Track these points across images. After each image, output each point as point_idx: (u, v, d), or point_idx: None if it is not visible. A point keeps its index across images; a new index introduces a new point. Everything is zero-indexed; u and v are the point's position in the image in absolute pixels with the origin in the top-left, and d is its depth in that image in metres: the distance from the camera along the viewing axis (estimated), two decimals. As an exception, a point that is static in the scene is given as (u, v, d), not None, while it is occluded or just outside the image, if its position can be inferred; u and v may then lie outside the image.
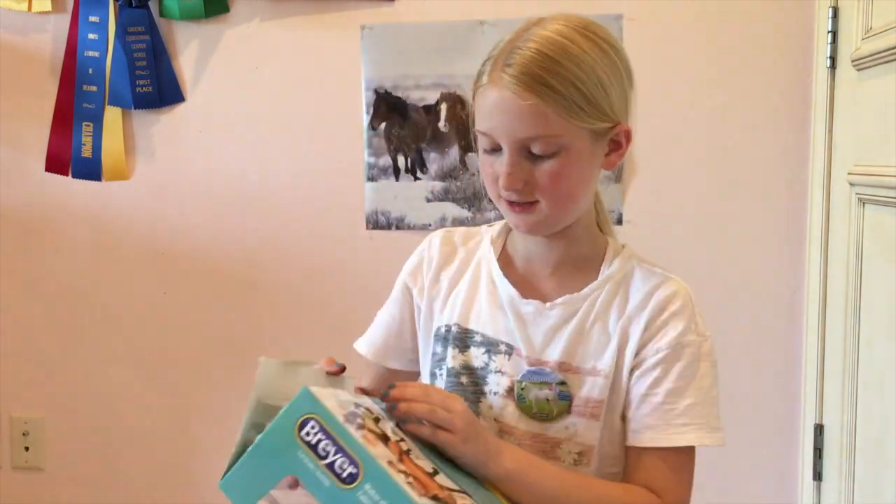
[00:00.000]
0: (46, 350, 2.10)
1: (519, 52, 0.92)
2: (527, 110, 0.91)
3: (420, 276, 1.08)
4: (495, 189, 0.97)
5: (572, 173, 0.95)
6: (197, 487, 2.10)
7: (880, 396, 1.52)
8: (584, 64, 0.92)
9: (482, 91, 0.95)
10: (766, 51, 1.84)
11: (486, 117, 0.95)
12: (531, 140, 0.93)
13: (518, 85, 0.91)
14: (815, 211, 1.81)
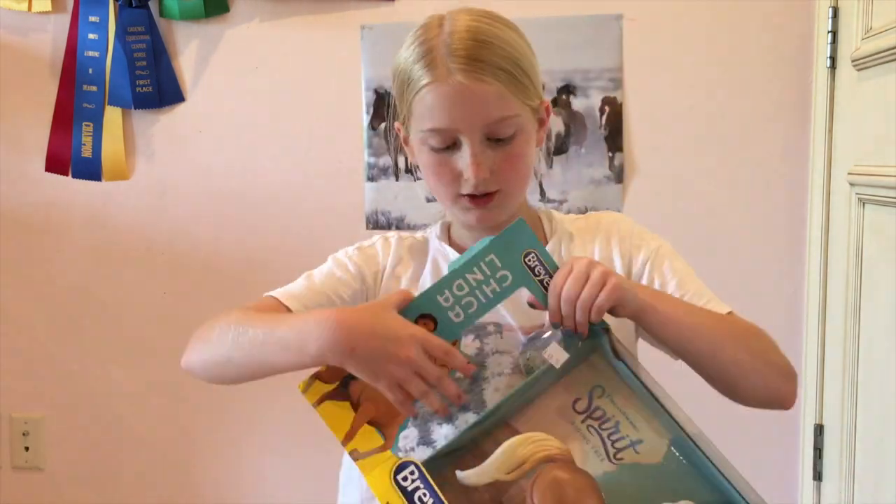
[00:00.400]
0: (46, 350, 2.10)
1: (456, 45, 0.93)
2: (489, 94, 0.93)
3: (374, 268, 1.06)
4: (453, 189, 0.98)
5: (528, 153, 0.99)
6: (197, 487, 2.10)
7: (880, 396, 1.52)
8: (514, 44, 0.96)
9: (427, 91, 0.94)
10: (766, 51, 1.84)
11: (439, 113, 0.94)
12: (495, 123, 0.94)
13: (473, 73, 0.92)
14: (815, 211, 1.81)
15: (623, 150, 1.90)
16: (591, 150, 1.90)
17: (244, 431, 2.05)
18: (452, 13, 0.97)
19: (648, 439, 0.84)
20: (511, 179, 0.98)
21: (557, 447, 0.80)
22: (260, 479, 2.08)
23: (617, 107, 1.89)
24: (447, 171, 0.97)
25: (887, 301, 1.48)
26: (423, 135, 0.97)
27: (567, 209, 1.90)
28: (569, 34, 1.87)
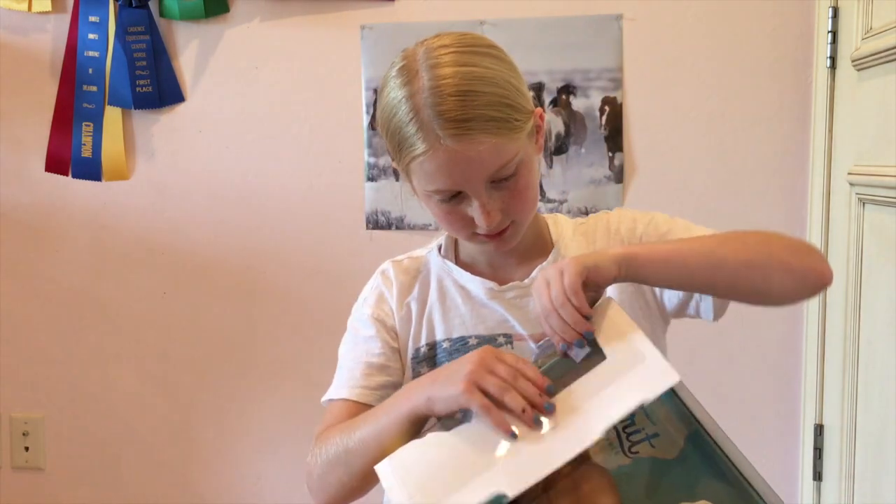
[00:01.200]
0: (46, 350, 2.10)
1: (440, 105, 0.90)
2: (484, 152, 0.91)
3: (387, 307, 1.06)
4: (467, 230, 0.98)
5: (533, 179, 0.99)
6: (197, 487, 2.10)
7: (880, 396, 1.51)
8: (497, 79, 0.93)
9: (423, 160, 0.93)
10: (766, 51, 1.84)
11: (439, 178, 0.94)
12: (497, 171, 0.93)
13: (463, 136, 0.90)
14: (815, 211, 1.81)
15: (623, 150, 1.90)
16: (591, 150, 1.90)
17: (244, 431, 2.05)
18: (430, 52, 0.93)
19: (665, 433, 0.83)
20: (521, 211, 0.98)
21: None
22: (259, 479, 2.08)
23: (617, 107, 1.89)
24: (458, 219, 0.97)
25: (887, 301, 1.48)
26: (427, 192, 0.97)
27: (567, 209, 1.90)
28: (569, 34, 1.87)
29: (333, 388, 1.05)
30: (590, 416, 0.78)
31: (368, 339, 1.05)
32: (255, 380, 2.05)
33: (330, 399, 1.04)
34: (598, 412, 0.78)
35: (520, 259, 1.05)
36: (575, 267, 0.84)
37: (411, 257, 1.11)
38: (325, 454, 0.96)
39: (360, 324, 1.07)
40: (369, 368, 1.03)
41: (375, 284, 1.09)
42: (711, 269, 0.90)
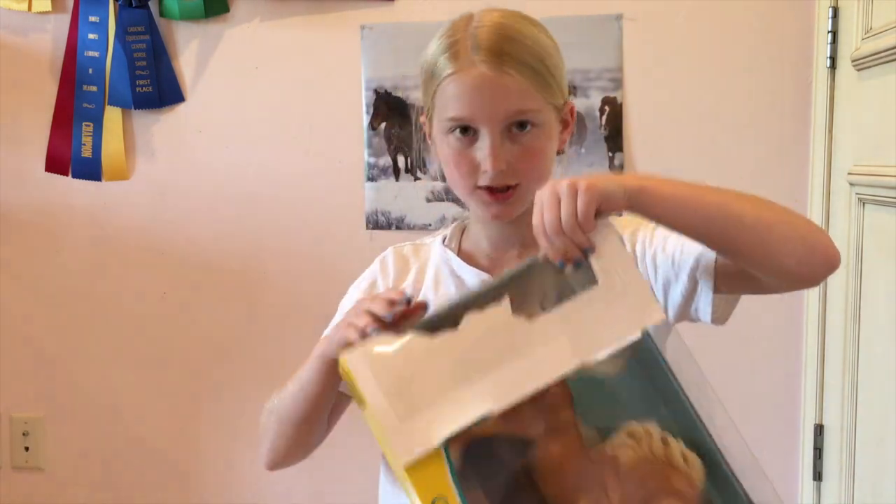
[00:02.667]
0: (46, 350, 2.10)
1: (481, 38, 0.95)
2: (511, 86, 0.94)
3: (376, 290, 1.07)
4: (471, 180, 0.98)
5: (547, 150, 0.99)
6: (197, 487, 2.10)
7: (880, 396, 1.52)
8: (540, 42, 0.97)
9: (449, 80, 0.96)
10: (766, 51, 1.84)
11: (461, 103, 0.96)
12: (516, 115, 0.95)
13: (496, 64, 0.94)
14: (815, 211, 1.81)
15: (623, 150, 1.90)
16: (591, 150, 1.90)
17: (244, 431, 2.05)
18: (482, 11, 0.99)
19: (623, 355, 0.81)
20: (529, 174, 0.97)
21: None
22: (260, 479, 2.08)
23: (617, 107, 1.89)
24: (466, 163, 0.97)
25: (887, 301, 1.48)
26: (445, 124, 0.98)
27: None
28: (569, 34, 1.85)
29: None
30: (580, 340, 0.77)
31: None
32: (255, 380, 2.05)
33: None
34: (582, 340, 0.77)
35: (520, 253, 1.04)
36: (591, 194, 0.80)
37: (415, 244, 1.11)
38: (263, 421, 1.03)
39: (347, 305, 1.08)
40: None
41: (372, 270, 1.10)
42: (727, 219, 0.89)
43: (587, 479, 0.78)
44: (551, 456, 0.78)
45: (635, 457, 0.76)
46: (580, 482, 0.78)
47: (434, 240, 1.11)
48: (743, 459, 0.80)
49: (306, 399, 0.96)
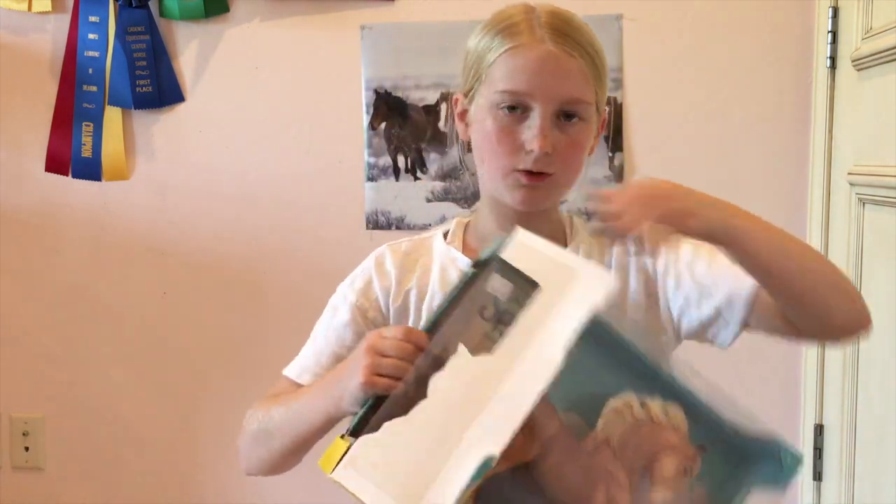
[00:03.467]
0: (46, 350, 2.10)
1: (552, 19, 0.94)
2: (574, 69, 0.93)
3: (373, 296, 1.02)
4: (510, 161, 0.95)
5: (586, 147, 0.98)
6: (197, 487, 2.10)
7: (880, 396, 1.52)
8: (596, 39, 0.97)
9: (512, 53, 0.93)
10: (766, 51, 1.84)
11: (521, 76, 0.93)
12: (571, 102, 0.94)
13: (563, 44, 0.93)
14: (815, 211, 1.81)
15: (623, 150, 1.90)
16: (591, 150, 1.90)
17: (244, 431, 2.05)
18: (540, 5, 0.98)
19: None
20: (567, 165, 0.96)
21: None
22: (260, 479, 2.08)
23: (617, 107, 1.89)
24: (510, 141, 0.94)
25: (887, 301, 1.48)
26: (497, 96, 0.94)
27: (567, 209, 1.90)
28: (569, 34, 1.87)
29: (296, 363, 1.07)
30: (544, 346, 0.76)
31: (343, 327, 1.03)
32: (255, 379, 2.04)
33: (292, 372, 1.06)
34: (551, 338, 0.76)
35: None
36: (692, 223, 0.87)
37: (412, 241, 1.06)
38: (251, 429, 1.02)
39: (340, 306, 1.05)
40: (337, 360, 1.00)
41: (367, 268, 1.05)
42: (803, 271, 0.91)
43: (592, 471, 0.78)
44: (553, 466, 0.78)
45: (624, 429, 0.77)
46: (587, 477, 0.78)
47: (432, 236, 1.06)
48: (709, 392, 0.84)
49: (301, 435, 0.95)
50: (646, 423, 0.77)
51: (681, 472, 0.77)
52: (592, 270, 0.79)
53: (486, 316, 0.81)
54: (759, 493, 0.81)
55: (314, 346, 1.06)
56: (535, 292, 0.79)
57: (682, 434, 0.77)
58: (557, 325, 0.76)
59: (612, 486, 0.77)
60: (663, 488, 0.76)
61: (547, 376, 0.75)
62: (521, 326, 0.78)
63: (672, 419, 0.78)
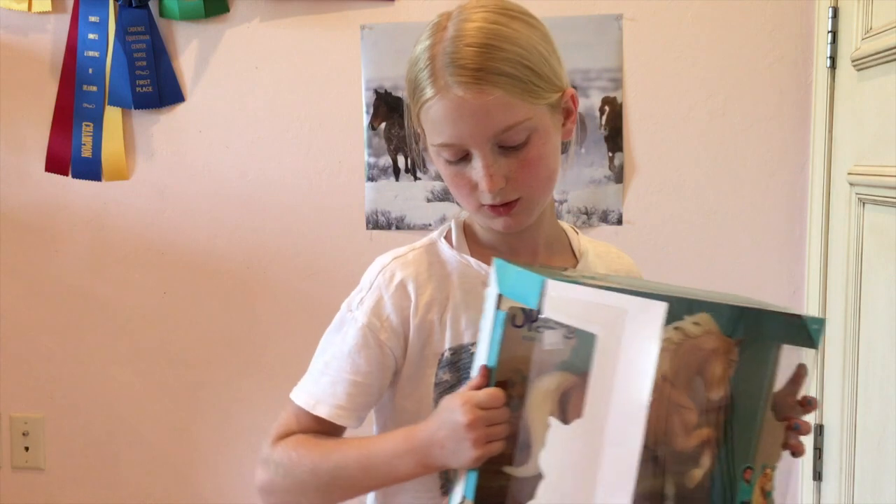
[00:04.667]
0: (46, 350, 2.10)
1: (455, 53, 0.90)
2: (491, 105, 0.89)
3: (384, 314, 0.99)
4: (474, 199, 0.95)
5: (547, 153, 0.94)
6: (197, 487, 2.10)
7: (880, 396, 1.52)
8: (523, 41, 0.91)
9: (430, 105, 0.92)
10: (766, 51, 1.85)
11: (444, 128, 0.92)
12: (503, 132, 0.90)
13: (472, 84, 0.88)
14: (815, 211, 1.81)
15: (623, 150, 1.90)
16: (591, 150, 1.90)
17: (244, 431, 2.05)
18: (463, 10, 0.93)
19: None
20: (530, 185, 0.93)
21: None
22: (260, 479, 2.08)
23: (617, 107, 1.89)
24: (464, 184, 0.94)
25: (887, 301, 1.48)
26: (435, 148, 0.95)
27: (567, 209, 1.90)
28: (569, 34, 1.87)
29: (308, 390, 1.01)
30: (629, 392, 0.78)
31: (356, 352, 0.98)
32: (255, 379, 2.05)
33: (302, 400, 1.01)
34: (632, 383, 0.78)
35: (545, 255, 1.02)
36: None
37: (414, 250, 1.03)
38: (295, 472, 0.96)
39: (349, 328, 1.00)
40: (354, 388, 0.98)
41: (376, 285, 1.00)
42: None
43: (664, 411, 0.82)
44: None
45: (671, 359, 0.81)
46: (661, 419, 0.82)
47: (436, 241, 1.04)
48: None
49: (378, 488, 0.98)
50: (685, 341, 0.81)
51: (727, 368, 0.83)
52: (638, 303, 0.80)
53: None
54: (789, 349, 0.86)
55: (328, 375, 1.00)
56: (594, 341, 0.80)
57: (716, 334, 0.82)
58: (632, 367, 0.78)
59: (682, 413, 0.82)
60: (718, 387, 0.83)
61: (642, 418, 0.77)
62: (596, 379, 0.80)
63: (704, 326, 0.82)
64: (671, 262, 1.90)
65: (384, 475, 0.93)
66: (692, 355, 0.82)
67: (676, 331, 0.81)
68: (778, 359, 0.86)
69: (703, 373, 0.83)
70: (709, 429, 0.83)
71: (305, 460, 0.96)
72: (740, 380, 0.84)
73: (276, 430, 1.01)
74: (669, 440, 0.82)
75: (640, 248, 1.90)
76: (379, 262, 1.03)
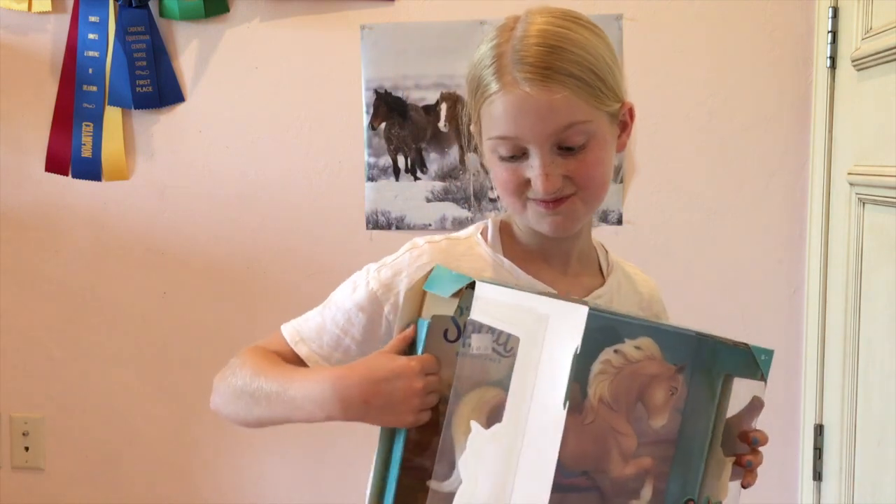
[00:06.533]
0: (46, 350, 2.10)
1: (524, 51, 0.90)
2: (557, 103, 0.89)
3: (395, 290, 0.98)
4: (520, 196, 0.94)
5: (604, 160, 0.95)
6: (197, 487, 2.10)
7: (880, 396, 1.52)
8: (589, 47, 0.92)
9: (494, 99, 0.92)
10: (766, 51, 1.85)
11: (505, 123, 0.91)
12: (564, 131, 0.91)
13: (538, 82, 0.89)
14: (815, 211, 1.81)
15: (623, 151, 1.90)
16: (591, 150, 1.90)
17: (244, 431, 2.05)
18: (530, 14, 0.94)
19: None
20: (586, 184, 0.93)
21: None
22: (260, 480, 2.08)
23: (617, 107, 1.89)
24: (515, 180, 0.93)
25: (887, 301, 1.48)
26: (492, 142, 0.94)
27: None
28: (569, 34, 1.87)
29: (298, 326, 1.05)
30: (546, 400, 0.79)
31: (355, 312, 1.00)
32: (255, 380, 2.05)
33: (288, 333, 1.04)
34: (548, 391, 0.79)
35: (569, 266, 1.02)
36: None
37: (449, 240, 1.02)
38: (235, 383, 0.98)
39: (361, 288, 1.00)
40: (335, 342, 1.00)
41: (401, 261, 1.00)
42: None
43: (600, 435, 0.82)
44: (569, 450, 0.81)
45: (610, 382, 0.81)
46: (597, 442, 0.82)
47: (469, 237, 1.03)
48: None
49: (280, 418, 0.94)
50: (625, 366, 0.82)
51: (668, 394, 0.83)
52: (561, 307, 0.81)
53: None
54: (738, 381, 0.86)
55: (321, 319, 1.03)
56: (517, 343, 0.82)
57: (658, 360, 0.82)
58: (549, 377, 0.80)
59: (619, 438, 0.82)
60: (658, 414, 0.83)
61: (558, 433, 0.78)
62: (516, 383, 0.81)
63: (645, 351, 0.82)
64: (671, 262, 1.90)
65: (294, 407, 0.91)
66: (632, 380, 0.82)
67: (617, 354, 0.81)
68: (728, 390, 0.85)
69: (643, 399, 0.83)
70: (650, 459, 0.83)
71: (247, 368, 0.98)
72: (688, 411, 0.84)
73: (256, 345, 1.04)
74: (606, 466, 0.82)
75: (640, 248, 1.90)
76: (412, 242, 1.02)
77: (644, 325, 0.82)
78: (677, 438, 0.83)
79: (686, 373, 0.83)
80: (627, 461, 0.83)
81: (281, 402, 0.93)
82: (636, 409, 0.83)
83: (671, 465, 0.84)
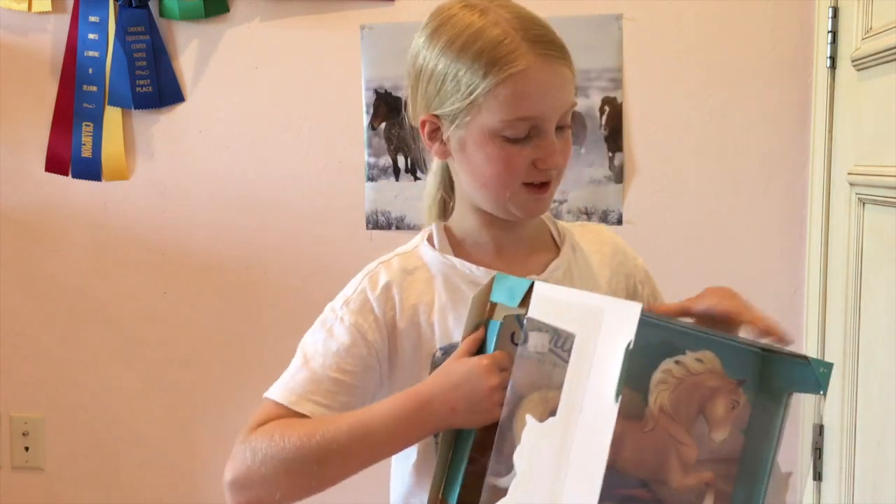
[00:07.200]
0: (46, 350, 2.10)
1: (536, 31, 0.93)
2: (568, 80, 0.94)
3: (371, 317, 0.98)
4: (515, 181, 0.94)
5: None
6: (197, 487, 2.10)
7: (880, 396, 1.52)
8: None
9: (518, 78, 0.90)
10: (766, 51, 1.84)
11: (529, 102, 0.91)
12: (568, 111, 0.95)
13: (558, 59, 0.93)
14: (815, 211, 1.81)
15: (623, 150, 1.90)
16: (591, 150, 1.90)
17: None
18: (490, 3, 0.94)
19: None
20: (565, 164, 0.97)
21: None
22: (260, 479, 2.08)
23: (617, 107, 1.89)
24: (517, 163, 0.93)
25: (887, 301, 1.48)
26: (501, 125, 0.92)
27: (567, 209, 1.90)
28: (569, 34, 1.85)
29: (286, 388, 0.98)
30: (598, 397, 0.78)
31: (344, 350, 0.97)
32: (255, 380, 2.04)
33: (281, 396, 0.98)
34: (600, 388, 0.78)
35: (528, 249, 1.03)
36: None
37: (399, 255, 1.02)
38: (282, 456, 0.92)
39: (336, 328, 0.98)
40: (336, 386, 0.96)
41: (361, 288, 0.99)
42: None
43: (660, 444, 0.82)
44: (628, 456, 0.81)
45: (671, 393, 0.81)
46: (657, 451, 0.82)
47: (417, 246, 1.03)
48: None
49: (357, 466, 0.90)
50: (686, 377, 0.82)
51: (730, 408, 0.83)
52: (615, 303, 0.80)
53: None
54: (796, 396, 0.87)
55: (308, 371, 0.98)
56: (573, 341, 0.81)
57: (719, 373, 0.82)
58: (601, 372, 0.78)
59: (679, 448, 0.82)
60: (720, 427, 0.83)
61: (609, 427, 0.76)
62: (571, 377, 0.80)
63: (707, 364, 0.82)
64: (671, 262, 1.90)
65: (382, 443, 0.89)
66: (694, 392, 0.82)
67: (678, 365, 0.81)
68: (787, 408, 0.87)
69: (705, 411, 0.83)
70: (711, 473, 0.83)
71: (291, 439, 0.92)
72: (752, 429, 0.84)
73: (248, 425, 0.99)
74: (665, 476, 0.81)
75: (641, 248, 1.88)
76: (365, 268, 1.02)
77: (706, 338, 0.82)
78: (741, 456, 0.84)
79: (749, 388, 0.83)
80: (688, 472, 0.82)
81: (364, 446, 0.89)
82: (699, 422, 0.82)
83: (734, 484, 0.83)
